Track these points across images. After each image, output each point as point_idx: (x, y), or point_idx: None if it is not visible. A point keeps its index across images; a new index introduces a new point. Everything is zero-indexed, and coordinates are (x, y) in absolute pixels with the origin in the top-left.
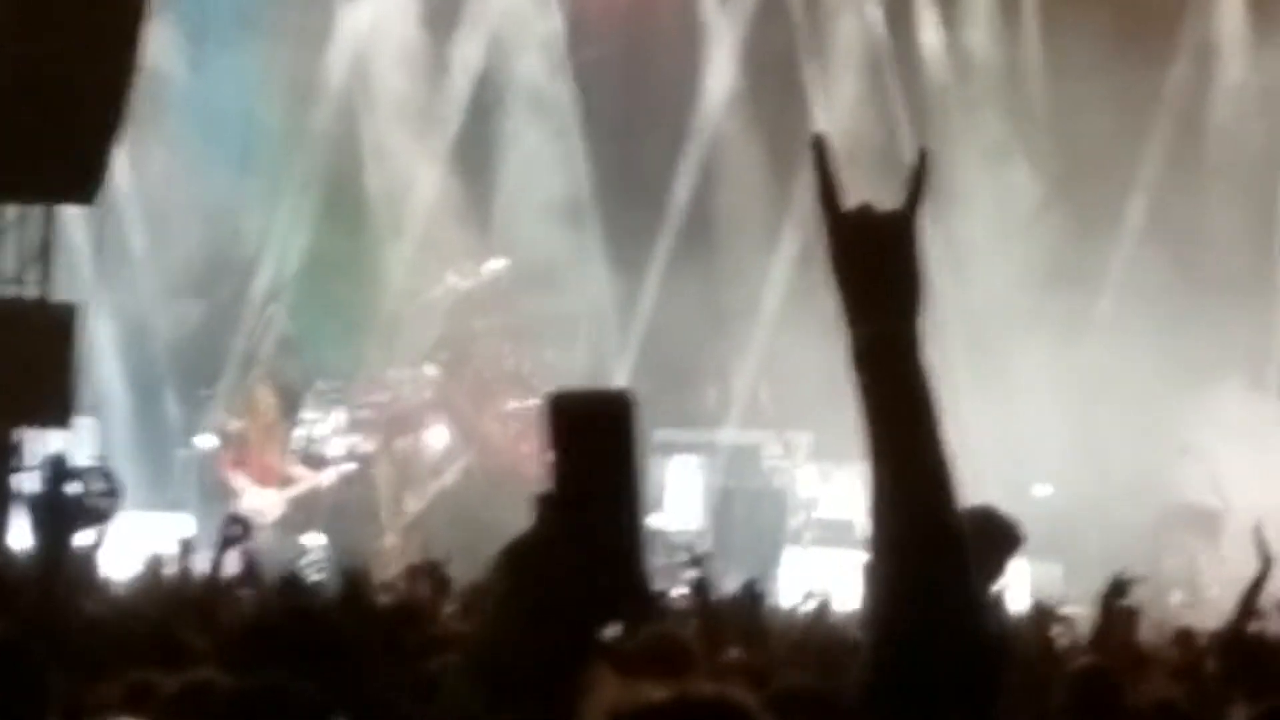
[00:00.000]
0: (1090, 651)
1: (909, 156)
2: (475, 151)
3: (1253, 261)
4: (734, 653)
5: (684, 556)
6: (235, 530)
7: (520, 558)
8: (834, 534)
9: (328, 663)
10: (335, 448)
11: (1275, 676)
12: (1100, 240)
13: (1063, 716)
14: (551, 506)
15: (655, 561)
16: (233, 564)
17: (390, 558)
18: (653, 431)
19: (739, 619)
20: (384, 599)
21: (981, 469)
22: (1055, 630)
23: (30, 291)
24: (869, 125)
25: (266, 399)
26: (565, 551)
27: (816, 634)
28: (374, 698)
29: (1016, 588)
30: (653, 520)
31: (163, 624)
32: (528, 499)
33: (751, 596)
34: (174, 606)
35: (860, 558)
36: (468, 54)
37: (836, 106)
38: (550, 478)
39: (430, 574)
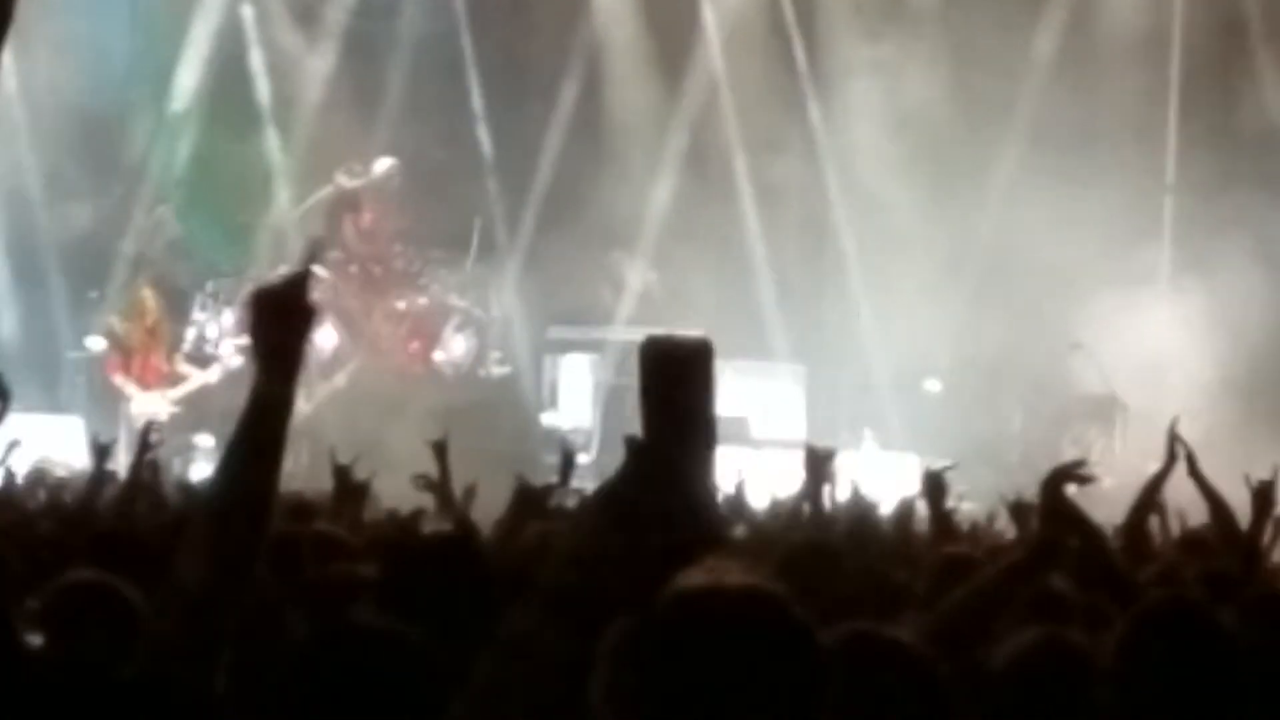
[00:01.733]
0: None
1: (797, 50)
2: (364, 52)
3: (1142, 156)
4: None
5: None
6: (156, 439)
7: (613, 503)
8: (727, 430)
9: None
10: (225, 348)
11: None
12: (990, 136)
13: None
14: (643, 452)
15: (546, 459)
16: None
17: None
18: (546, 329)
19: None
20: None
21: (872, 365)
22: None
23: None
24: (757, 12)
25: (152, 301)
26: (656, 499)
27: None
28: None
29: (908, 482)
30: (546, 417)
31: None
32: (416, 397)
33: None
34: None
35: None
36: None
37: (724, 4)
38: (643, 422)
39: (338, 477)
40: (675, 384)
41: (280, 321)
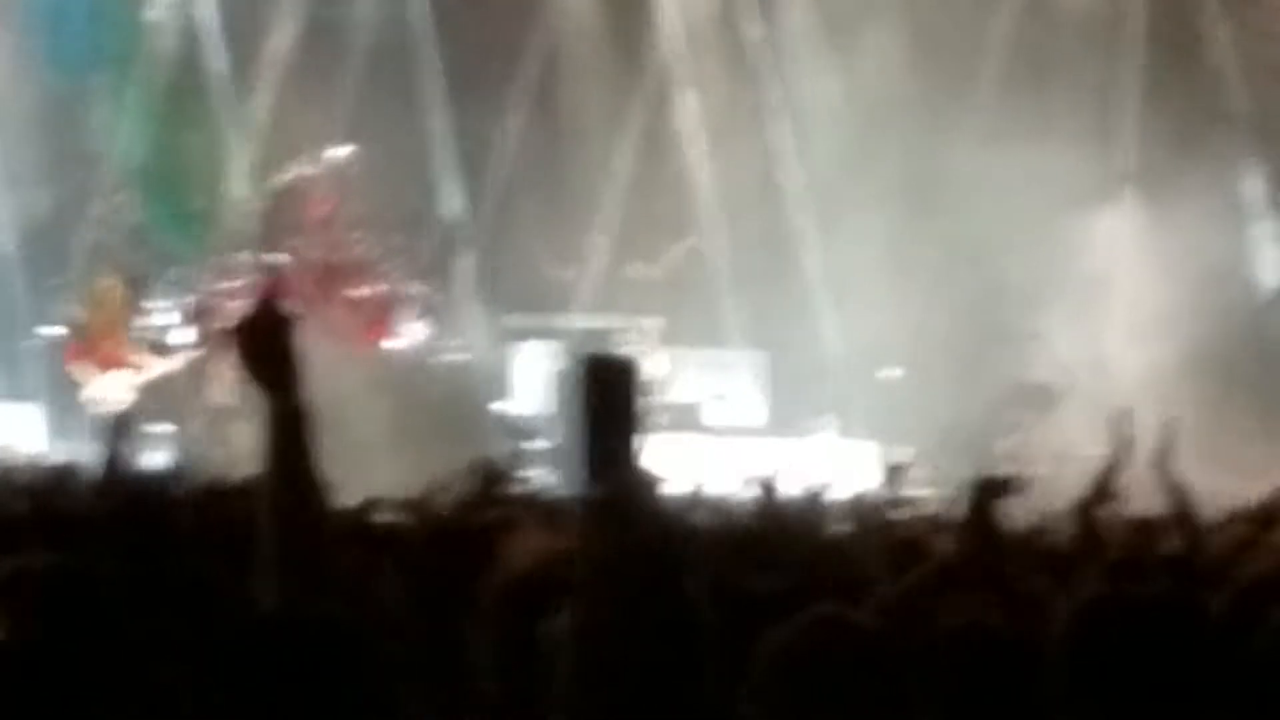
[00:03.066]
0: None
1: (753, 39)
2: (323, 39)
3: (1101, 145)
4: None
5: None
6: (126, 431)
7: (607, 520)
8: (683, 418)
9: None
10: (184, 336)
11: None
12: (949, 123)
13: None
14: (603, 466)
15: (502, 445)
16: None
17: (242, 446)
18: (503, 317)
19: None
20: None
21: (832, 352)
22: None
23: None
24: (715, 7)
25: (112, 289)
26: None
27: None
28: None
29: (868, 471)
30: (502, 405)
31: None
32: (374, 383)
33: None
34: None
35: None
36: None
37: None
38: (581, 439)
39: None
40: (609, 395)
41: (263, 346)
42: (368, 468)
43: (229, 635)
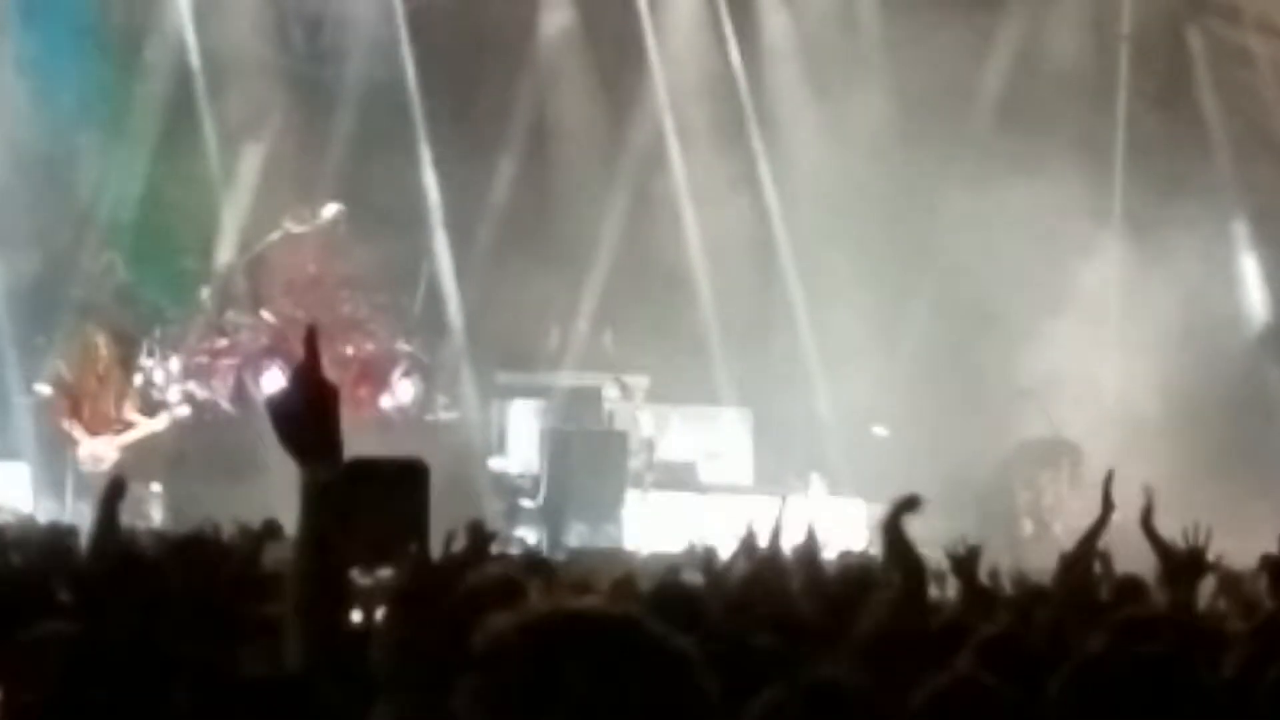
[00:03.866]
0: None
1: (744, 95)
2: (312, 98)
3: (1089, 197)
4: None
5: (522, 500)
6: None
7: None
8: (675, 476)
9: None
10: (172, 395)
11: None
12: (937, 179)
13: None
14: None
15: (493, 504)
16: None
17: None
18: (493, 374)
19: None
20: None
21: (819, 409)
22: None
23: None
24: (703, 58)
25: (101, 347)
26: None
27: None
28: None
29: (856, 529)
30: (494, 463)
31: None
32: (363, 442)
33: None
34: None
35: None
36: None
37: (671, 43)
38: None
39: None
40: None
41: (304, 416)
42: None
43: (240, 696)
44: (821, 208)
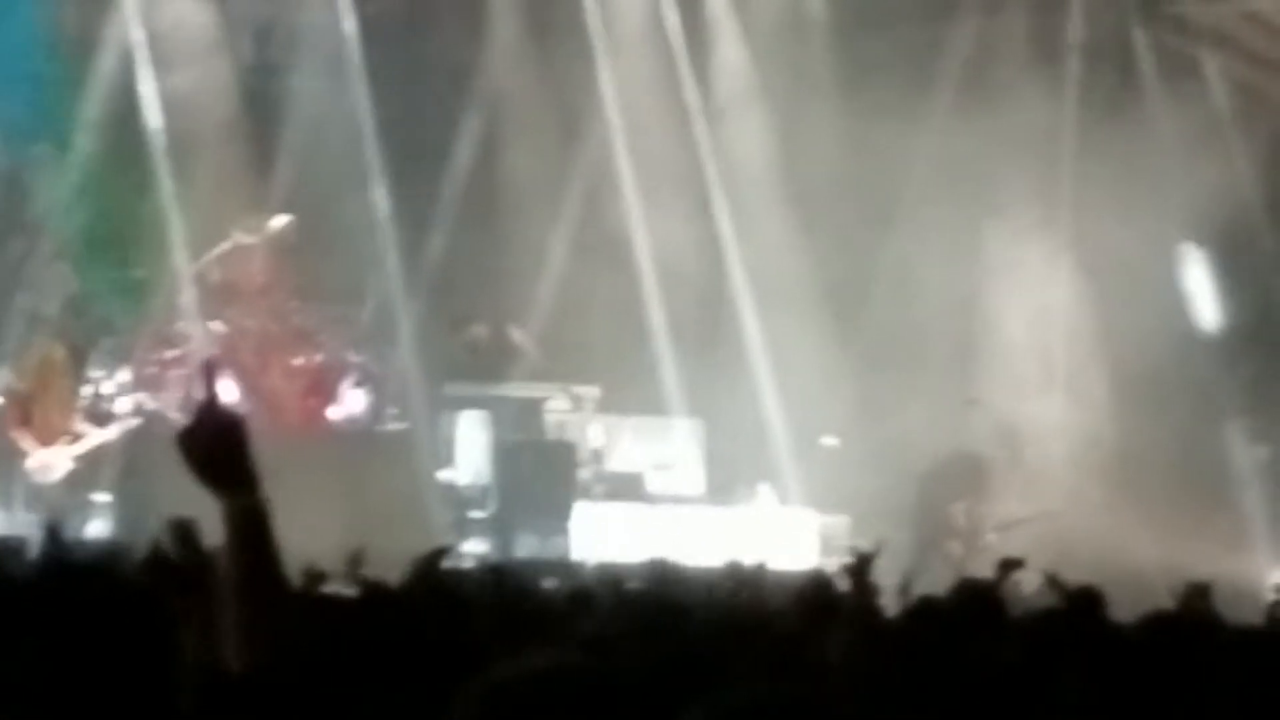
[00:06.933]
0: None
1: (694, 110)
2: (261, 109)
3: (1040, 208)
4: None
5: (471, 511)
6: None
7: None
8: (623, 487)
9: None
10: (122, 405)
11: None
12: (887, 192)
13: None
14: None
15: (442, 515)
16: None
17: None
18: (442, 385)
19: None
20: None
21: (769, 420)
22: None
23: None
24: (653, 79)
25: (51, 357)
26: None
27: None
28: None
29: (805, 539)
30: (443, 474)
31: None
32: (313, 455)
33: None
34: None
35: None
36: (252, 8)
37: (622, 63)
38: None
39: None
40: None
41: (210, 451)
42: (311, 538)
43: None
44: (772, 219)
